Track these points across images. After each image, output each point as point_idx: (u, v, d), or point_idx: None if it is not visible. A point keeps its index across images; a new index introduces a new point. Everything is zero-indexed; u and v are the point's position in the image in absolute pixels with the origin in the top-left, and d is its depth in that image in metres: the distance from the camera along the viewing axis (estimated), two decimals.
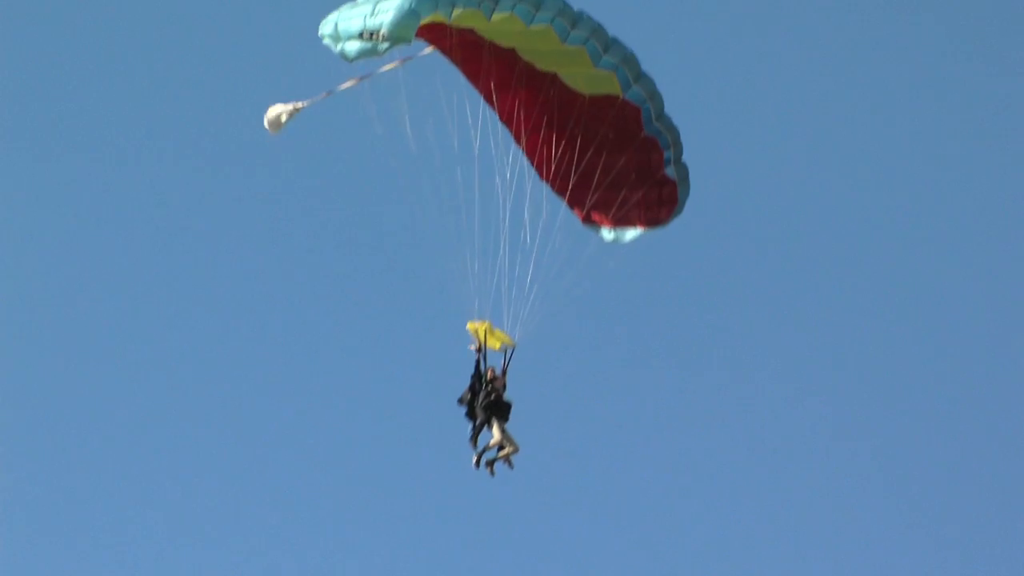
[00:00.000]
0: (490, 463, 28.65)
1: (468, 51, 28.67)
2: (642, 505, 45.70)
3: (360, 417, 47.08)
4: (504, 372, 28.97)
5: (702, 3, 54.03)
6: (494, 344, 29.04)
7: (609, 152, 29.39)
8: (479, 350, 28.67)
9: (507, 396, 28.85)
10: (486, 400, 28.56)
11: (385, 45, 26.72)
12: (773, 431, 47.21)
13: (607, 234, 29.95)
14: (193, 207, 51.57)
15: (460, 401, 28.82)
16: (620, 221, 29.77)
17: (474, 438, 28.68)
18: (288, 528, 44.86)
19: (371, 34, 26.92)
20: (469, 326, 28.87)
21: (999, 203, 51.43)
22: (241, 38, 54.55)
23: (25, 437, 46.34)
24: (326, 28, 27.44)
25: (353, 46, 27.00)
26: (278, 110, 28.56)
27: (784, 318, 49.66)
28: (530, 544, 44.75)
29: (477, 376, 28.81)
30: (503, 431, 28.58)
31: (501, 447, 28.73)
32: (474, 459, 28.66)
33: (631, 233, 29.81)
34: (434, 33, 28.04)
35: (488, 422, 28.61)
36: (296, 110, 28.49)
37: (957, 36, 54.62)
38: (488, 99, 29.08)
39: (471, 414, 28.81)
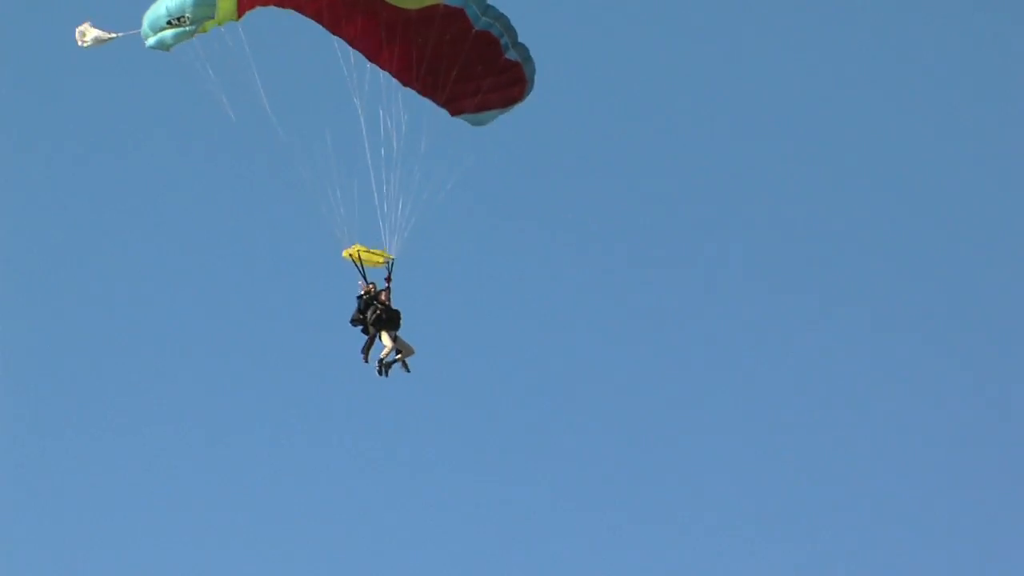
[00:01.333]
0: (387, 365, 31.04)
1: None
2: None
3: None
4: (388, 285, 31.20)
5: None
6: (375, 262, 31.15)
7: (450, 53, 31.13)
8: (367, 291, 30.90)
9: (395, 306, 31.11)
10: (374, 316, 30.80)
11: (192, 27, 28.65)
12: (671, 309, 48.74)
13: (471, 119, 31.90)
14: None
15: (353, 322, 31.14)
16: (480, 107, 31.72)
17: (365, 351, 31.08)
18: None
19: (178, 19, 28.86)
20: (344, 254, 31.00)
21: None
22: None
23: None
24: (144, 28, 29.20)
25: (168, 33, 28.98)
26: (95, 33, 29.63)
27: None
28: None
29: (361, 296, 31.12)
30: (393, 339, 30.95)
31: (398, 351, 31.11)
32: (376, 368, 31.08)
33: (490, 114, 31.87)
34: None
35: (378, 334, 30.90)
36: (110, 38, 29.56)
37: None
38: (334, 31, 30.83)
39: (366, 331, 31.15)
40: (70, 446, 47.26)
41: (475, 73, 31.18)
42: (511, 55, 31.26)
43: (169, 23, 28.73)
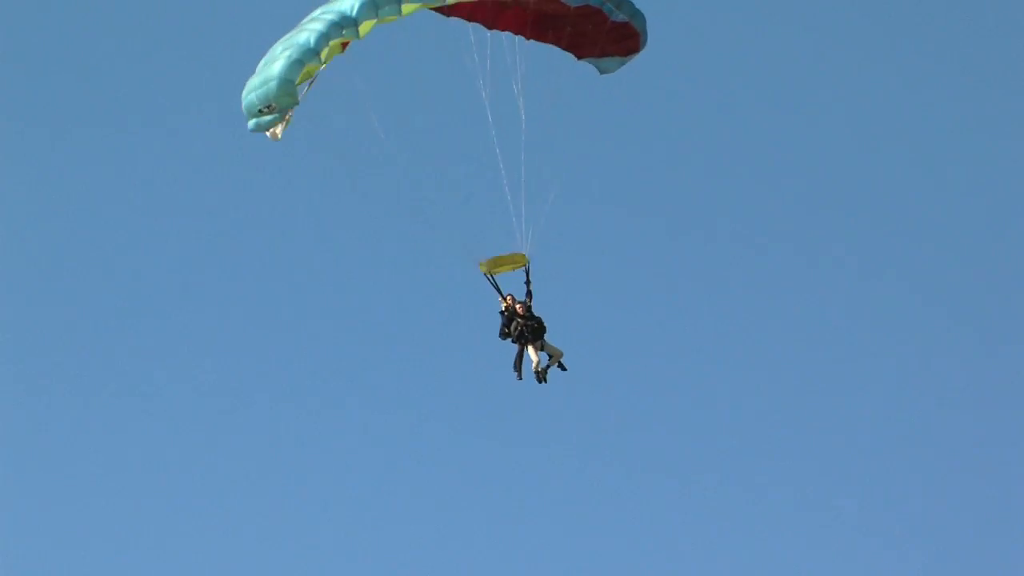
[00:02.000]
0: (541, 372, 30.40)
1: None
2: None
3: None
4: (528, 293, 30.36)
5: None
6: (511, 268, 30.21)
7: (558, 25, 30.96)
8: (506, 305, 30.10)
9: (536, 312, 30.32)
10: (517, 331, 30.21)
11: (277, 115, 28.64)
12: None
13: (597, 64, 31.78)
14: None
15: (502, 336, 30.43)
16: (602, 53, 31.64)
17: (517, 366, 30.47)
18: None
19: (268, 107, 28.58)
20: (480, 267, 30.19)
21: None
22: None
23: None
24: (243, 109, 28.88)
25: (265, 119, 28.78)
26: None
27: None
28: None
29: (503, 311, 30.33)
30: (538, 350, 30.37)
31: (549, 356, 30.46)
32: (535, 379, 30.51)
33: (613, 61, 31.78)
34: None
35: (524, 348, 30.35)
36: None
37: None
38: (448, 13, 30.50)
39: (515, 341, 30.52)
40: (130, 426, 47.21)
41: (588, 34, 31.15)
42: (617, 17, 31.00)
43: (260, 111, 28.22)
